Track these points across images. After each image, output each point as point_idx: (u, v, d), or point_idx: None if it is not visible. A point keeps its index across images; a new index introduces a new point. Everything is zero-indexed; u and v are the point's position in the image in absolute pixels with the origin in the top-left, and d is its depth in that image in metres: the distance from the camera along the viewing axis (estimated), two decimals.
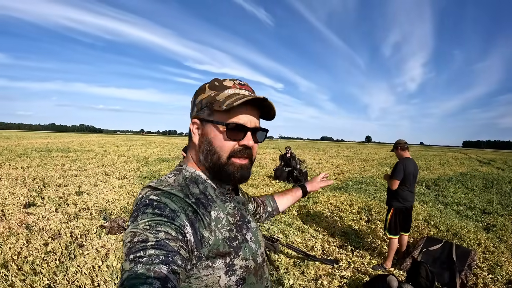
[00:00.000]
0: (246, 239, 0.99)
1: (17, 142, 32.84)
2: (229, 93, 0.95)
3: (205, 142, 0.96)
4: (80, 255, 4.33)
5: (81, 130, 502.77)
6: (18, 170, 11.60)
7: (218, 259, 0.88)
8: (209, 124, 0.96)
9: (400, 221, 4.50)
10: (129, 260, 0.69)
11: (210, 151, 0.95)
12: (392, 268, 4.43)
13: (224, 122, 0.93)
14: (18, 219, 5.69)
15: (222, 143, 0.94)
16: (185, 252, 0.77)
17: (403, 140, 4.66)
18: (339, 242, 5.38)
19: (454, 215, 7.69)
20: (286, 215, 6.85)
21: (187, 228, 0.81)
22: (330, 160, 23.73)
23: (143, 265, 0.67)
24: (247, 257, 0.96)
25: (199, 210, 0.87)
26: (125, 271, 0.68)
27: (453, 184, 12.59)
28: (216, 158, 0.94)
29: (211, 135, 0.95)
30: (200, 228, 0.85)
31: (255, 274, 1.00)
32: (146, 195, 0.86)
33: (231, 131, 0.93)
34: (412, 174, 4.44)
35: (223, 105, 0.90)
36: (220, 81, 0.99)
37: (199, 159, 0.99)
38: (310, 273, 4.16)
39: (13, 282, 3.53)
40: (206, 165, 0.97)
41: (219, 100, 0.93)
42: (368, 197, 9.09)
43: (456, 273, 3.97)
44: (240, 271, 0.92)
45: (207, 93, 0.98)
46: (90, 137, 67.12)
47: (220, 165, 0.94)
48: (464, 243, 5.41)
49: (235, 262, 0.91)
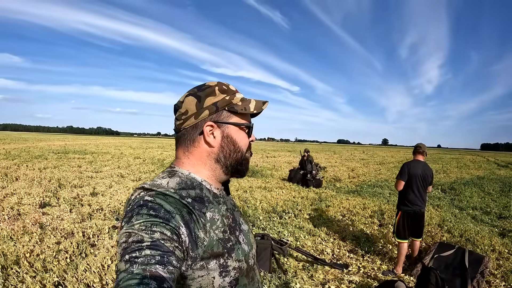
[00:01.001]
0: (238, 241, 1.00)
1: (35, 144, 33.50)
2: (240, 97, 1.03)
3: (229, 143, 1.01)
4: (91, 254, 4.38)
5: (98, 133, 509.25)
6: (35, 171, 11.83)
7: (212, 260, 0.87)
8: (229, 126, 1.00)
9: (409, 225, 4.45)
10: (124, 260, 0.69)
11: (234, 150, 1.01)
12: (403, 274, 4.36)
13: (248, 124, 1.03)
14: (33, 219, 5.81)
15: (245, 141, 1.04)
16: (180, 252, 0.77)
17: (420, 144, 4.66)
18: (349, 246, 5.33)
19: (469, 219, 7.53)
20: (298, 218, 6.83)
21: (182, 229, 0.80)
22: (346, 163, 23.55)
23: (139, 265, 0.67)
24: (240, 258, 0.96)
25: (194, 211, 0.87)
26: (121, 272, 0.67)
27: (470, 187, 12.34)
28: (239, 155, 1.03)
29: (236, 136, 1.01)
30: (195, 229, 0.85)
31: (247, 276, 1.00)
32: (140, 196, 0.85)
33: (250, 130, 1.04)
34: (419, 176, 4.40)
35: (251, 109, 1.01)
36: (226, 85, 1.03)
37: (217, 160, 1.01)
38: (319, 277, 4.13)
39: (23, 279, 3.61)
40: (227, 163, 1.02)
41: (236, 103, 1.00)
42: (381, 201, 8.98)
43: (468, 280, 3.88)
44: (233, 272, 0.92)
45: (219, 96, 0.99)
46: (107, 140, 67.99)
47: (242, 161, 1.04)
48: (478, 249, 5.27)
49: (229, 263, 0.91)
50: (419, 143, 4.65)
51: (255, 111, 1.02)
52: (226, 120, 0.99)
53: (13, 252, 4.27)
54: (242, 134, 1.02)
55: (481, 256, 4.28)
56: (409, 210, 4.42)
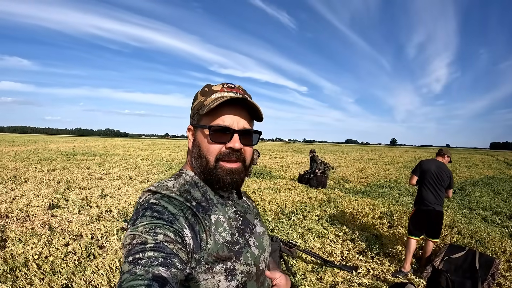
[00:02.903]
0: (248, 244, 0.98)
1: (44, 146, 33.86)
2: (215, 96, 0.95)
3: (196, 147, 0.98)
4: (100, 256, 4.38)
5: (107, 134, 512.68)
6: (44, 173, 11.94)
7: (218, 264, 0.87)
8: (198, 129, 0.98)
9: (421, 223, 4.50)
10: (128, 261, 0.69)
11: (199, 155, 0.96)
12: (414, 276, 4.31)
13: (207, 125, 0.94)
14: (42, 220, 5.83)
15: (207, 146, 0.94)
16: (184, 254, 0.77)
17: (443, 148, 4.85)
18: (359, 248, 5.26)
19: (479, 220, 7.45)
20: (306, 219, 6.78)
21: (186, 231, 0.81)
22: (354, 163, 23.48)
23: (142, 267, 0.67)
24: (249, 262, 0.94)
25: (199, 213, 0.87)
26: (124, 273, 0.68)
27: (479, 187, 12.25)
28: (204, 162, 0.95)
29: (199, 140, 0.97)
30: (200, 231, 0.85)
31: (257, 280, 0.98)
32: (146, 199, 0.87)
33: (216, 133, 0.93)
34: (431, 173, 4.47)
35: (205, 109, 0.92)
36: (210, 86, 1.00)
37: (192, 164, 1.01)
38: (328, 280, 4.08)
39: (32, 281, 3.61)
40: (198, 170, 0.98)
41: (206, 104, 0.94)
42: (391, 202, 8.91)
43: (478, 282, 3.83)
44: (240, 276, 0.91)
45: (198, 99, 0.99)
46: (116, 141, 68.47)
47: (209, 169, 0.94)
48: (488, 250, 5.21)
49: (236, 267, 0.90)
50: (443, 147, 4.79)
51: (205, 110, 0.91)
52: (197, 123, 0.98)
53: (21, 254, 4.29)
54: (206, 138, 0.95)
55: (492, 258, 4.22)
56: (422, 208, 4.48)
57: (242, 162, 0.97)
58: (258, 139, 1.03)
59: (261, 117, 1.00)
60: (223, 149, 0.94)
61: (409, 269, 4.39)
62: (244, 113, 0.98)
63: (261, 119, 1.01)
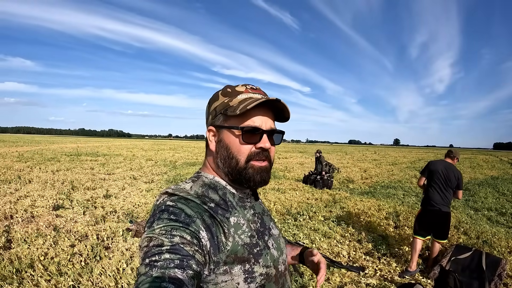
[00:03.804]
0: (267, 246, 0.98)
1: (47, 146, 33.94)
2: (242, 98, 0.96)
3: (222, 148, 0.97)
4: (106, 257, 4.37)
5: (110, 135, 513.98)
6: (48, 174, 11.95)
7: (236, 265, 0.86)
8: (224, 130, 0.97)
9: (427, 223, 4.51)
10: (144, 264, 0.70)
11: (228, 156, 0.96)
12: (421, 277, 4.28)
13: (239, 126, 0.94)
14: (47, 221, 5.82)
15: (239, 147, 0.95)
16: (201, 256, 0.77)
17: (451, 148, 4.93)
18: (365, 248, 5.23)
19: (484, 221, 7.43)
20: (312, 220, 6.75)
21: (203, 233, 0.81)
22: (358, 164, 23.39)
23: (158, 269, 0.68)
24: (268, 264, 0.94)
25: (216, 216, 0.87)
26: (141, 275, 0.68)
27: (484, 188, 12.22)
28: (234, 163, 0.95)
29: (228, 141, 0.96)
30: (218, 233, 0.85)
31: (276, 282, 0.98)
32: (163, 201, 0.87)
33: (247, 134, 0.94)
34: (438, 173, 4.47)
35: (237, 110, 0.91)
36: (233, 87, 1.00)
37: (217, 166, 1.00)
38: (335, 280, 4.05)
39: (38, 282, 3.60)
40: (225, 170, 0.97)
41: (232, 105, 0.94)
42: (396, 202, 8.88)
43: (485, 283, 3.81)
44: (260, 279, 0.91)
45: (220, 100, 0.99)
46: (119, 142, 68.63)
47: (239, 169, 0.95)
48: (495, 251, 5.20)
49: (255, 269, 0.90)
50: (452, 148, 4.79)
51: (239, 111, 0.90)
52: (222, 124, 0.98)
53: (27, 255, 4.28)
54: (236, 139, 0.95)
55: (498, 258, 4.21)
56: (428, 208, 4.49)
57: (269, 161, 0.99)
58: (281, 139, 1.06)
59: (288, 117, 1.02)
60: (253, 149, 0.95)
61: (415, 269, 4.37)
62: (270, 114, 1.00)
63: (287, 119, 1.04)
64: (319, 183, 10.98)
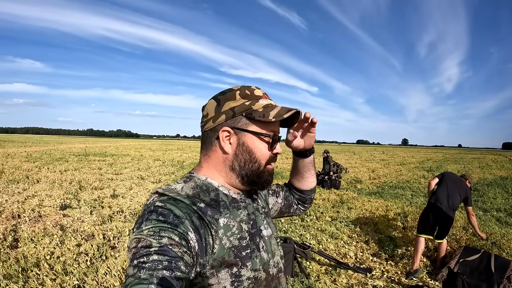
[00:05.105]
0: (258, 248, 0.96)
1: (56, 146, 34.21)
2: (264, 103, 0.95)
3: (245, 152, 0.96)
4: (112, 256, 4.37)
5: (118, 135, 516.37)
6: (56, 173, 12.03)
7: (223, 269, 0.85)
8: (247, 133, 0.95)
9: (428, 219, 4.51)
10: (133, 265, 0.69)
11: (251, 160, 0.96)
12: (429, 279, 4.22)
13: (270, 134, 0.96)
14: (54, 220, 5.84)
15: (265, 152, 0.97)
16: (189, 258, 0.77)
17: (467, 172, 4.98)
18: (373, 249, 5.18)
19: (493, 222, 7.31)
20: (319, 220, 6.71)
21: (191, 234, 0.80)
22: (366, 164, 23.25)
23: (146, 271, 0.67)
24: (257, 268, 0.93)
25: (205, 216, 0.86)
26: (129, 276, 0.68)
27: (493, 188, 12.06)
28: (256, 166, 0.96)
29: (253, 145, 0.96)
30: (206, 235, 0.85)
31: (267, 286, 0.96)
32: (152, 201, 0.86)
33: (274, 141, 0.97)
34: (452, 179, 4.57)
35: (271, 117, 0.91)
36: (251, 90, 0.98)
37: (231, 168, 0.97)
38: (342, 282, 4.00)
39: (43, 281, 3.60)
40: (242, 173, 0.97)
41: (256, 109, 0.93)
42: (404, 203, 8.79)
43: (494, 285, 3.75)
44: (247, 283, 0.89)
45: (239, 101, 0.95)
46: (127, 142, 69.01)
47: (260, 172, 0.97)
48: (504, 252, 5.11)
49: (242, 273, 0.88)
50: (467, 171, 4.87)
51: (273, 119, 0.91)
52: (244, 127, 0.95)
53: (33, 254, 4.29)
54: (262, 144, 0.96)
55: (508, 260, 4.14)
56: (432, 202, 4.50)
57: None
58: None
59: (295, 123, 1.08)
60: (271, 154, 0.99)
61: (418, 267, 4.32)
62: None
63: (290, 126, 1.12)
64: (327, 184, 10.91)
